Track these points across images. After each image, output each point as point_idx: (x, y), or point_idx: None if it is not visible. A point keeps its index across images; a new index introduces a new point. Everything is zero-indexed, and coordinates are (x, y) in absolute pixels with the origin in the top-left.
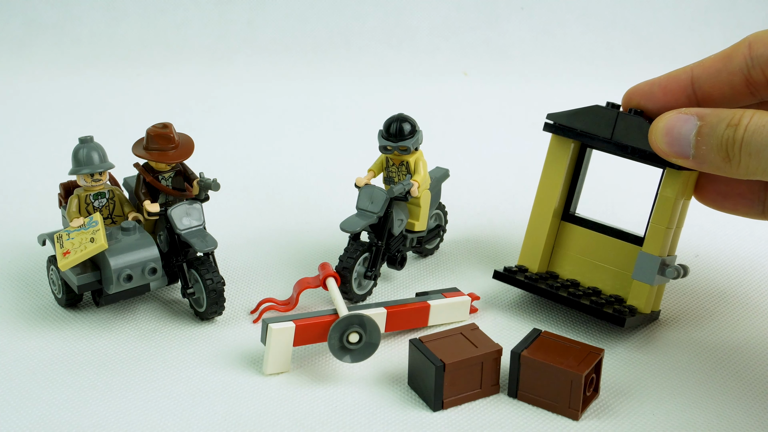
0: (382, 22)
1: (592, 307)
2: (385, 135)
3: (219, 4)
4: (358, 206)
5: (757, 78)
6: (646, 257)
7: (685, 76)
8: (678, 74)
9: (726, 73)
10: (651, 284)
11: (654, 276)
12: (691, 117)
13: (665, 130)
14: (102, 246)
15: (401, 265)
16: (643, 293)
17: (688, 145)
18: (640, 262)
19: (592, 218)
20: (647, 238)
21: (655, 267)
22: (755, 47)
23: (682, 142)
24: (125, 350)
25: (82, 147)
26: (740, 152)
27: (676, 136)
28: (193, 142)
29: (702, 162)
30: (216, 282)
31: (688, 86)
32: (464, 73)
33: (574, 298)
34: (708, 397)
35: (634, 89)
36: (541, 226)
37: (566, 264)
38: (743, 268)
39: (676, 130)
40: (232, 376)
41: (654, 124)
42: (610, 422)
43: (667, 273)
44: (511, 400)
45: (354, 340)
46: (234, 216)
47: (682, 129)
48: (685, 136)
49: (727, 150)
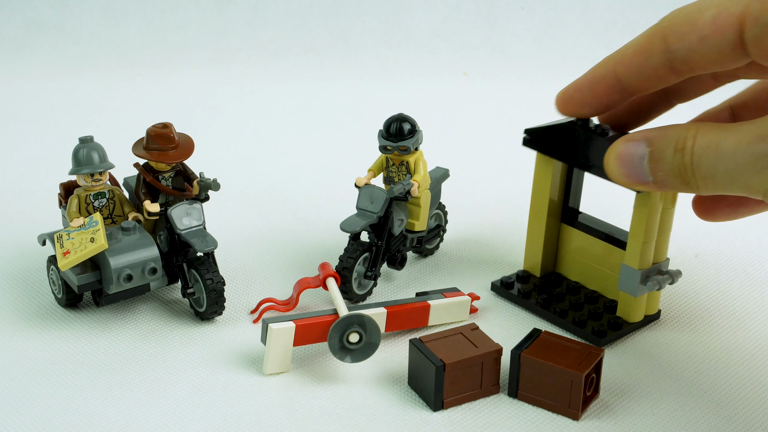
0: (382, 22)
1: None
2: (385, 135)
3: (219, 4)
4: (358, 206)
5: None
6: (627, 270)
7: (609, 75)
8: (601, 74)
9: (648, 67)
10: (634, 296)
11: (636, 288)
12: (639, 143)
13: (618, 161)
14: (102, 246)
15: (401, 265)
16: (629, 303)
17: (644, 172)
18: (623, 274)
19: (596, 218)
20: (627, 252)
21: (636, 279)
22: (671, 42)
23: (638, 171)
24: (125, 350)
25: (82, 147)
26: (694, 177)
27: (630, 165)
28: (193, 142)
29: (663, 185)
30: (216, 282)
31: (616, 83)
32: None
33: (560, 315)
34: (708, 397)
35: (564, 99)
36: (537, 231)
37: (570, 266)
38: (743, 269)
39: (629, 160)
40: (232, 376)
41: (606, 156)
42: (610, 422)
43: (648, 285)
44: (511, 400)
45: (354, 340)
46: (234, 216)
47: (634, 158)
48: (638, 164)
49: (681, 176)
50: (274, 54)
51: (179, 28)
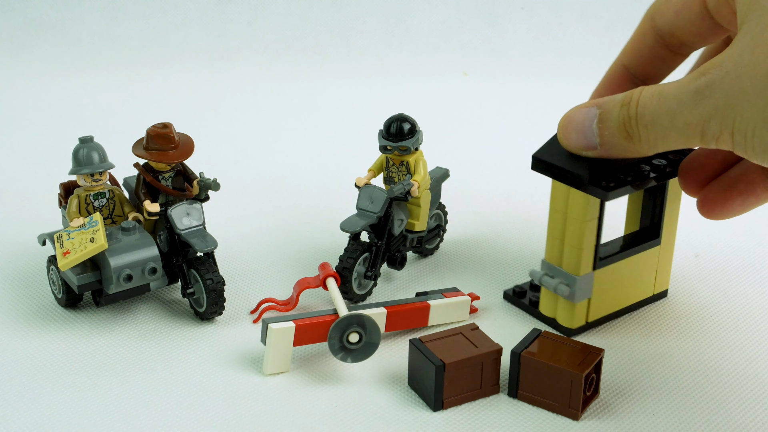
0: (382, 22)
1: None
2: (385, 135)
3: (219, 4)
4: (358, 206)
5: (673, 43)
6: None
7: (619, 69)
8: (612, 71)
9: (646, 48)
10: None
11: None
12: (591, 108)
13: (569, 125)
14: (102, 246)
15: (401, 265)
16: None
17: (592, 134)
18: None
19: None
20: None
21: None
22: (657, 20)
23: (586, 133)
24: (125, 350)
25: (82, 147)
26: (637, 126)
27: (579, 128)
28: (193, 142)
29: (608, 147)
30: (216, 282)
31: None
32: (464, 73)
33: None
34: (708, 397)
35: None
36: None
37: None
38: (743, 268)
39: (579, 122)
40: (232, 376)
41: (559, 122)
42: (610, 422)
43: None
44: (511, 400)
45: (354, 340)
46: (234, 216)
47: (585, 121)
48: (588, 127)
49: (626, 128)
50: (274, 54)
51: (179, 28)
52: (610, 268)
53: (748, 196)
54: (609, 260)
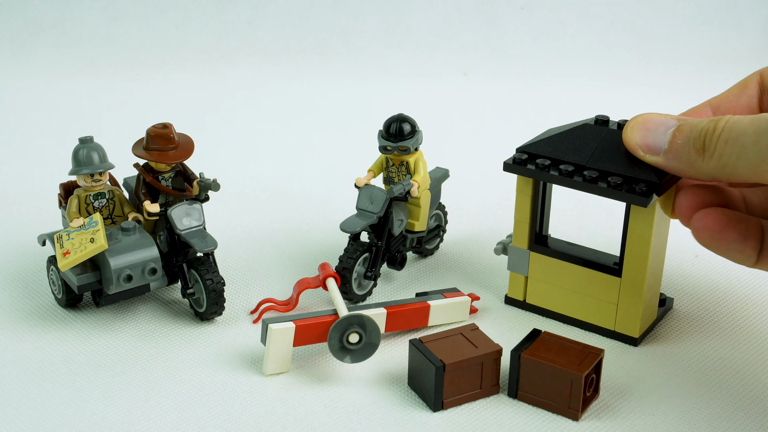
0: (382, 22)
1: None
2: (384, 135)
3: (219, 4)
4: (358, 206)
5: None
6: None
7: (706, 107)
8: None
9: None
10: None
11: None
12: (671, 119)
13: (641, 124)
14: (102, 246)
15: (401, 265)
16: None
17: (663, 139)
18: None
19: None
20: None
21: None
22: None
23: (656, 135)
24: (125, 350)
25: (82, 147)
26: (717, 140)
27: (651, 127)
28: (193, 142)
29: (673, 157)
30: (216, 282)
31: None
32: (464, 73)
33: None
34: (708, 398)
35: None
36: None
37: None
38: (743, 269)
39: (653, 123)
40: (232, 376)
41: (632, 119)
42: (610, 422)
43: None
44: (511, 400)
45: (354, 340)
46: (234, 216)
47: (659, 126)
48: (661, 131)
49: (703, 141)
50: (274, 54)
51: (179, 28)
52: (558, 264)
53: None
54: (555, 254)
